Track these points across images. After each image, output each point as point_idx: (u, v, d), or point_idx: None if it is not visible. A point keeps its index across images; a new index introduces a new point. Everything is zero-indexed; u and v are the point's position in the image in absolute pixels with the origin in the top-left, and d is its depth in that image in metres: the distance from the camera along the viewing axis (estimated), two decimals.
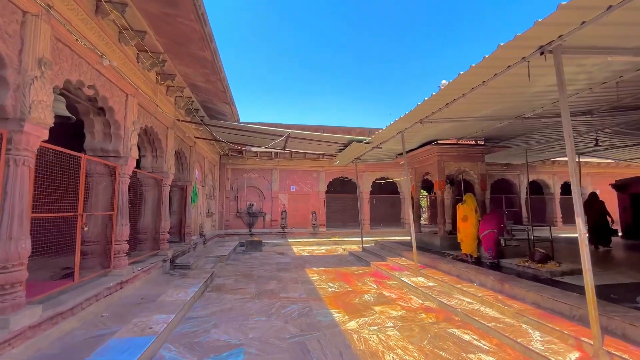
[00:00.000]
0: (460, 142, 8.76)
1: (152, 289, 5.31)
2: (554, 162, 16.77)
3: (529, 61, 3.50)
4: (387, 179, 15.59)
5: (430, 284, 5.87)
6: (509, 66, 3.71)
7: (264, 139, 8.34)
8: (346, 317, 4.41)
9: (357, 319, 4.31)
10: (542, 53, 3.25)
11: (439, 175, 8.53)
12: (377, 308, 4.79)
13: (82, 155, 4.05)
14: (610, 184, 12.44)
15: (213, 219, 12.92)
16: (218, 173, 13.74)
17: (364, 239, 12.27)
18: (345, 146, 8.90)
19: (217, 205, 13.51)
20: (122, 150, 4.92)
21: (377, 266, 7.76)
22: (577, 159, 13.92)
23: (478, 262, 6.39)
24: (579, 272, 5.21)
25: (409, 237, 13.64)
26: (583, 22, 2.82)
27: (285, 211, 14.34)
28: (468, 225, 6.42)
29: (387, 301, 5.15)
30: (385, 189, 17.06)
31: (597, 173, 17.60)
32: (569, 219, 17.83)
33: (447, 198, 10.50)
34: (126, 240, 5.11)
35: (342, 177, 15.22)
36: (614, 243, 8.61)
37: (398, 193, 16.48)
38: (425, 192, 21.25)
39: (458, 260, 6.65)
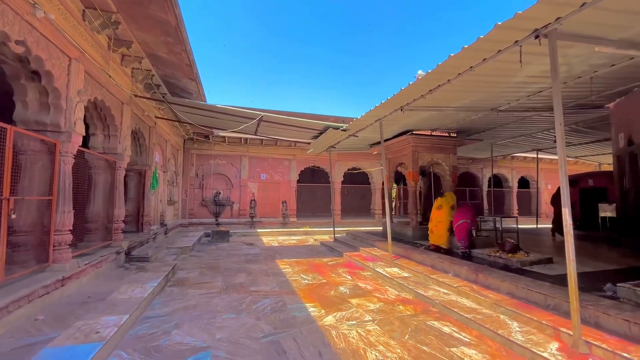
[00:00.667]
0: (434, 133, 8.78)
1: (103, 286, 4.67)
2: (513, 157, 17.76)
3: (521, 46, 3.37)
4: (359, 169, 15.54)
5: (405, 274, 5.80)
6: (500, 51, 3.56)
7: (233, 122, 7.74)
8: (322, 311, 4.15)
9: (335, 313, 4.07)
10: (537, 37, 3.12)
11: (413, 166, 8.51)
12: (353, 301, 4.59)
13: (8, 126, 3.31)
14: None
15: (176, 208, 12.05)
16: (182, 158, 12.79)
17: (331, 229, 12.15)
18: (321, 133, 8.56)
19: (180, 193, 12.62)
20: (63, 124, 4.17)
21: (350, 257, 7.62)
22: (536, 155, 14.84)
23: (449, 252, 6.44)
24: (545, 261, 5.41)
25: (380, 228, 13.82)
26: (583, 4, 2.70)
27: (254, 200, 13.77)
28: (442, 213, 6.43)
29: (364, 293, 4.97)
30: (355, 179, 17.05)
31: (549, 169, 18.91)
32: (523, 210, 19.12)
33: (419, 189, 10.60)
34: (69, 230, 4.41)
35: (313, 166, 14.90)
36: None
37: (369, 184, 16.52)
38: (394, 183, 21.66)
39: (431, 251, 6.67)
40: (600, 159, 14.56)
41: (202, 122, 8.43)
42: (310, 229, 13.16)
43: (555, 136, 9.67)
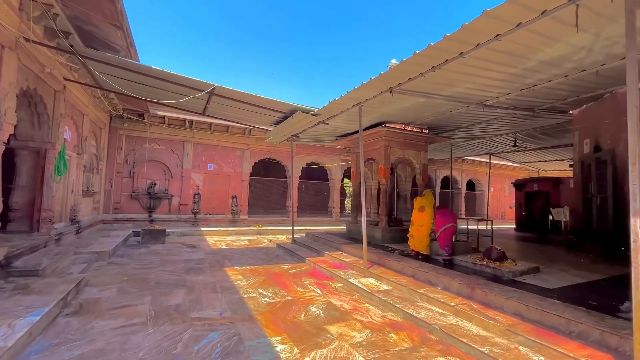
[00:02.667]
0: (407, 128, 8.12)
1: None
2: (463, 160, 18.42)
3: (578, 4, 2.61)
4: (318, 164, 14.57)
5: (385, 287, 4.92)
6: (545, 11, 2.77)
7: (176, 94, 6.10)
8: (296, 350, 3.01)
9: (312, 353, 2.96)
10: None
11: (385, 162, 7.76)
12: (332, 328, 3.53)
13: None
14: (512, 183, 13.98)
15: (96, 200, 9.74)
16: (106, 139, 10.42)
17: (290, 227, 11.01)
18: (284, 118, 7.32)
19: (102, 182, 10.27)
20: None
21: (315, 263, 6.56)
22: (488, 159, 15.42)
23: (428, 259, 5.77)
24: (533, 270, 4.96)
25: (340, 227, 13.03)
26: None
27: (198, 194, 11.92)
28: (424, 215, 5.71)
29: (342, 316, 3.94)
30: (312, 175, 16.07)
31: (494, 173, 20.08)
32: (469, 212, 20.11)
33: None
34: None
35: (269, 158, 13.51)
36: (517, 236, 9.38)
37: (327, 180, 15.65)
38: (349, 180, 21.20)
39: (409, 257, 5.93)
40: (543, 166, 15.64)
41: (134, 92, 6.57)
42: (263, 228, 11.80)
43: (514, 140, 9.76)
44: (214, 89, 5.58)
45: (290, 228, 11.60)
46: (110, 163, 10.58)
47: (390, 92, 4.76)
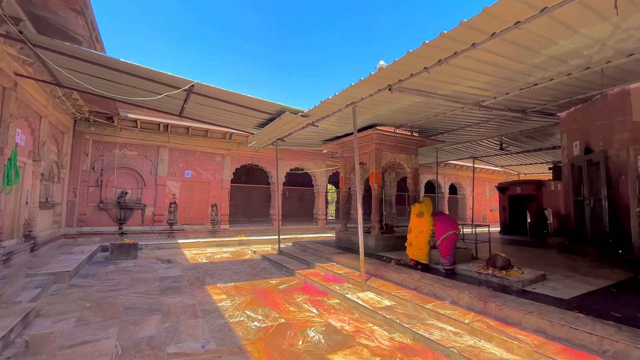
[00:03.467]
0: (397, 131, 7.83)
1: None
2: (446, 164, 18.56)
3: None
4: (302, 169, 14.08)
5: (387, 302, 4.48)
6: (545, 8, 2.49)
7: (149, 92, 5.44)
8: None
9: None
10: None
11: (376, 166, 7.40)
12: (337, 358, 3.04)
13: None
14: (495, 186, 14.10)
15: (57, 212, 8.72)
16: (70, 144, 9.44)
17: (275, 237, 10.44)
18: (269, 120, 6.80)
19: (65, 192, 9.25)
20: None
21: (306, 276, 6.03)
22: (471, 163, 15.54)
23: (427, 269, 5.40)
24: (541, 278, 4.70)
25: (326, 235, 12.53)
26: None
27: (175, 203, 11.08)
28: (423, 222, 5.35)
29: (345, 340, 3.46)
30: (295, 181, 15.54)
31: (475, 177, 20.37)
32: (453, 215, 20.25)
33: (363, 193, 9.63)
34: None
35: (251, 164, 12.87)
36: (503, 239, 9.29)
37: (311, 186, 15.18)
38: (333, 186, 20.82)
39: (408, 267, 5.54)
40: (524, 169, 15.95)
41: (99, 88, 5.82)
42: (246, 238, 11.11)
43: (500, 144, 9.74)
44: (193, 86, 5.00)
45: (275, 237, 10.98)
46: (75, 171, 9.58)
47: (390, 89, 4.39)
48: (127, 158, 10.40)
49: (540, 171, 15.75)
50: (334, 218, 19.77)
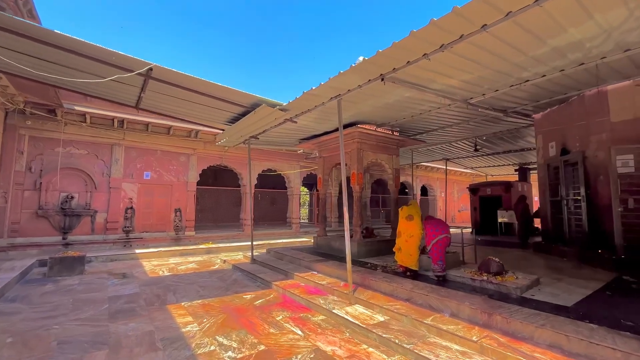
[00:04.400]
0: (378, 130, 7.48)
1: None
2: (417, 166, 18.77)
3: None
4: (274, 171, 13.38)
5: (380, 317, 4.01)
6: None
7: (96, 76, 4.52)
8: None
9: None
10: None
11: (358, 167, 6.97)
12: None
13: None
14: (467, 187, 14.35)
15: None
16: None
17: (246, 243, 9.72)
18: (242, 115, 6.10)
19: None
20: None
21: (285, 289, 5.41)
22: (442, 165, 15.75)
23: (415, 276, 5.03)
24: (535, 283, 4.49)
25: (301, 240, 11.89)
26: None
27: (132, 208, 9.89)
28: (413, 225, 4.98)
29: None
30: (266, 183, 14.78)
31: (443, 179, 20.86)
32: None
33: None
34: None
35: (220, 165, 11.94)
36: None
37: (284, 188, 14.51)
38: (305, 188, 20.26)
39: (396, 275, 5.12)
40: (491, 170, 16.47)
41: (38, 72, 4.76)
42: (214, 245, 10.19)
43: (475, 145, 9.81)
44: (151, 69, 4.19)
45: (246, 244, 10.24)
46: (5, 171, 8.13)
47: (382, 79, 3.95)
48: (73, 157, 9.08)
49: (506, 172, 16.37)
50: (307, 222, 19.20)
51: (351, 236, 7.34)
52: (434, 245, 4.74)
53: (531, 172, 14.88)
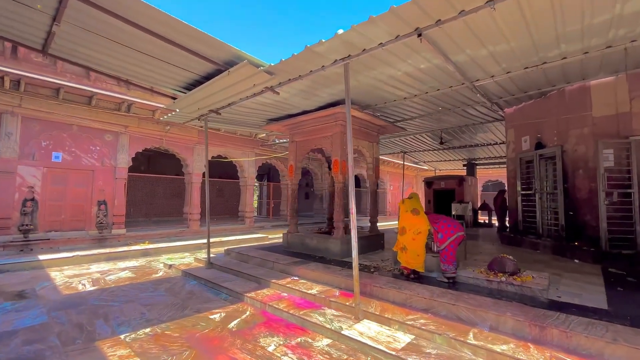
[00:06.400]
0: (363, 113, 6.65)
1: None
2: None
3: None
4: (225, 158, 11.71)
5: (404, 336, 3.20)
6: None
7: None
8: None
9: None
10: None
11: (341, 153, 6.06)
12: None
13: None
14: (423, 180, 14.58)
15: None
16: None
17: (193, 242, 8.20)
18: (206, 78, 4.64)
19: None
20: None
21: (263, 302, 4.27)
22: (395, 158, 15.80)
23: (419, 278, 4.39)
24: (555, 283, 4.17)
25: (257, 236, 10.44)
26: None
27: (34, 200, 7.44)
28: (420, 221, 4.27)
29: None
30: (213, 171, 13.00)
31: (394, 172, 21.31)
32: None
33: (330, 186, 8.32)
34: None
35: (159, 147, 9.88)
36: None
37: (232, 177, 12.93)
38: (258, 180, 18.68)
39: (399, 279, 4.39)
40: (441, 165, 17.12)
41: None
42: (152, 246, 8.31)
43: (441, 138, 9.72)
44: None
45: (192, 243, 8.73)
46: None
47: (419, 35, 3.06)
48: None
49: (453, 167, 17.22)
50: (256, 215, 17.72)
51: (327, 232, 6.49)
52: (450, 244, 4.11)
53: (477, 167, 15.88)
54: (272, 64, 3.84)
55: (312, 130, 6.61)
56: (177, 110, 5.68)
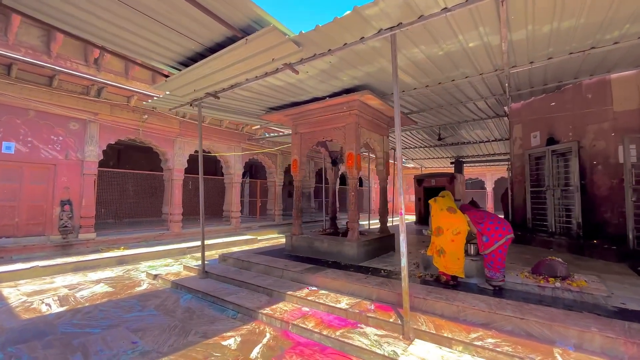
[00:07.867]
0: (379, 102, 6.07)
1: None
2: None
3: None
4: (209, 152, 10.68)
5: None
6: None
7: None
8: None
9: None
10: None
11: (356, 146, 5.45)
12: None
13: None
14: (413, 178, 14.35)
15: None
16: None
17: (176, 247, 7.29)
18: (211, 51, 3.80)
19: None
20: None
21: (285, 321, 3.56)
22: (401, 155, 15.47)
23: (455, 286, 3.89)
24: (615, 287, 3.83)
25: (245, 238, 9.51)
26: None
27: None
28: (459, 220, 3.78)
29: None
30: (193, 168, 11.88)
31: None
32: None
33: (332, 183, 7.68)
34: None
35: (134, 139, 8.69)
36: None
37: (216, 174, 11.91)
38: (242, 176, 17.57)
39: (439, 286, 3.85)
40: (427, 163, 17.05)
41: None
42: (128, 252, 7.21)
43: (439, 134, 9.43)
44: None
45: (176, 247, 7.78)
46: None
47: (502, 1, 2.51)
48: None
49: (439, 165, 17.24)
50: (241, 215, 16.65)
51: (344, 235, 5.87)
52: (498, 248, 3.63)
53: (465, 164, 15.98)
54: (303, 31, 3.13)
55: (320, 121, 5.93)
56: (168, 92, 4.76)
